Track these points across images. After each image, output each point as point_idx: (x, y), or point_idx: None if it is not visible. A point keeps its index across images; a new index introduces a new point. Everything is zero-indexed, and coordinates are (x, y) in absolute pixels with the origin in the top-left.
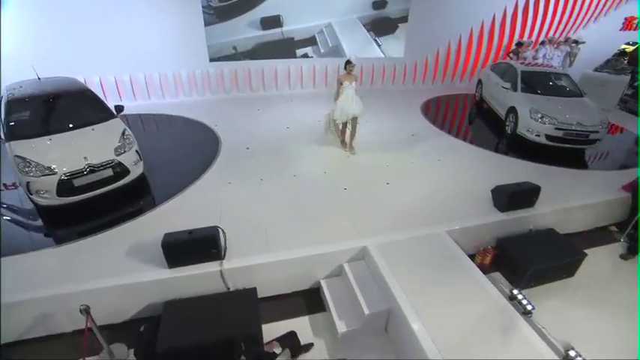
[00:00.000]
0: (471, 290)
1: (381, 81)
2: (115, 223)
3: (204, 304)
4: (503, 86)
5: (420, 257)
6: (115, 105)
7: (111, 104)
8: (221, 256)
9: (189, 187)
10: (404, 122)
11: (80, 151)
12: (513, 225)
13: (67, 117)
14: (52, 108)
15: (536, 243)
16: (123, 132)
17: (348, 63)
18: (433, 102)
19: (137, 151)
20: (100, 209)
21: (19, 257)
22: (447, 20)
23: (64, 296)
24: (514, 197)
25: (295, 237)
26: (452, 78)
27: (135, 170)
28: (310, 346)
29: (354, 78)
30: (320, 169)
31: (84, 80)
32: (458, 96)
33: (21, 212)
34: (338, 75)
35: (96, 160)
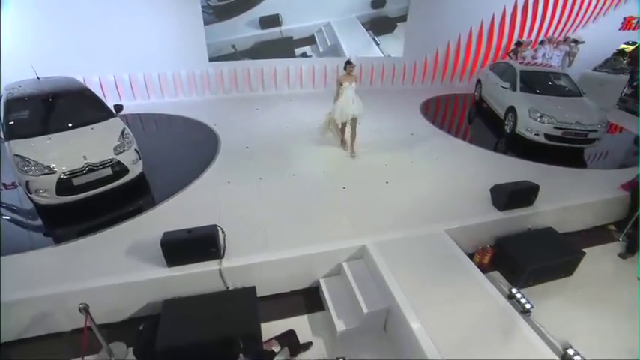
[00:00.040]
0: (470, 289)
1: (381, 80)
2: (115, 222)
3: (203, 303)
4: (502, 86)
5: (419, 256)
6: (115, 104)
7: (110, 104)
8: (220, 255)
9: (188, 187)
10: (403, 122)
11: (79, 151)
12: (512, 224)
13: (67, 116)
14: (52, 107)
15: (534, 242)
16: (122, 131)
17: (348, 63)
18: (432, 101)
19: (136, 151)
20: (100, 208)
21: (19, 256)
22: (447, 20)
23: (64, 295)
24: (513, 196)
25: (294, 236)
26: (451, 77)
27: (134, 169)
28: (309, 345)
29: (354, 78)
30: (319, 169)
31: (83, 80)
32: (457, 95)
33: (20, 212)
34: (338, 75)
35: (95, 160)
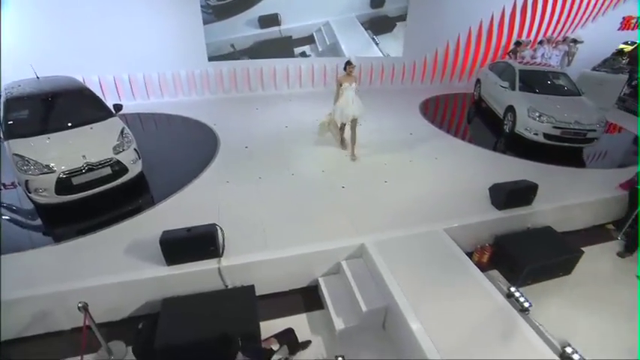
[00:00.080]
0: (469, 288)
1: (380, 80)
2: (114, 222)
3: (202, 302)
4: (501, 85)
5: (418, 255)
6: (114, 104)
7: (110, 103)
8: (219, 254)
9: (187, 186)
10: (402, 121)
11: (79, 150)
12: (511, 223)
13: (66, 116)
14: (51, 107)
15: (533, 241)
16: (121, 130)
17: (348, 64)
18: (432, 101)
19: (136, 150)
20: (99, 207)
21: (18, 255)
22: (446, 19)
23: (63, 294)
24: (511, 195)
25: (293, 235)
26: (450, 77)
27: (133, 169)
28: (308, 344)
29: (354, 79)
30: (318, 168)
31: (83, 79)
32: (456, 95)
33: (20, 211)
34: (337, 76)
35: (94, 159)
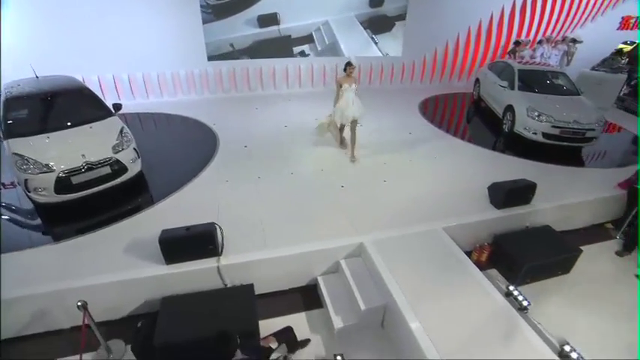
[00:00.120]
0: (468, 287)
1: (379, 80)
2: (113, 221)
3: (201, 300)
4: (500, 85)
5: (417, 254)
6: (113, 103)
7: (109, 103)
8: (218, 253)
9: (187, 185)
10: (402, 121)
11: (78, 149)
12: (510, 222)
13: (65, 115)
14: (50, 106)
15: (532, 240)
16: (121, 130)
17: (349, 65)
18: (431, 101)
19: (135, 149)
20: (98, 207)
21: (17, 254)
22: (445, 19)
23: (62, 292)
24: (510, 194)
25: (292, 234)
26: (450, 77)
27: (133, 168)
28: (307, 342)
29: (354, 80)
30: (317, 167)
31: (82, 79)
32: (456, 95)
33: (19, 210)
34: (337, 77)
35: (94, 158)
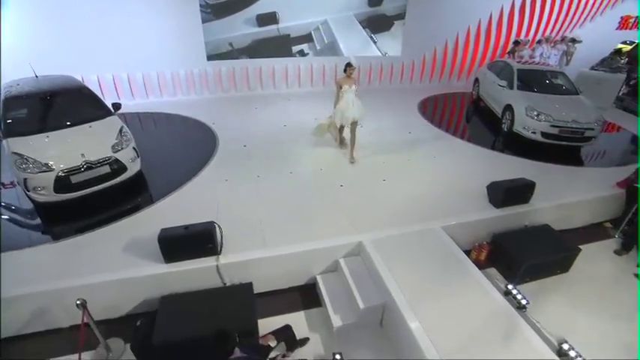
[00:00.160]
0: (466, 285)
1: (379, 80)
2: (112, 220)
3: (200, 299)
4: (499, 84)
5: (416, 252)
6: (113, 103)
7: (109, 103)
8: (217, 251)
9: (186, 184)
10: (401, 120)
11: (77, 148)
12: (508, 221)
13: (65, 114)
14: (50, 105)
15: (531, 239)
16: (120, 129)
17: (349, 66)
18: (430, 100)
19: (134, 148)
20: (98, 206)
21: (16, 253)
22: (444, 19)
23: (62, 291)
24: (509, 193)
25: (291, 233)
26: (449, 76)
27: (132, 167)
28: (306, 341)
29: (354, 81)
30: (316, 166)
31: (82, 79)
32: (455, 94)
33: (19, 210)
34: (337, 78)
35: (93, 157)
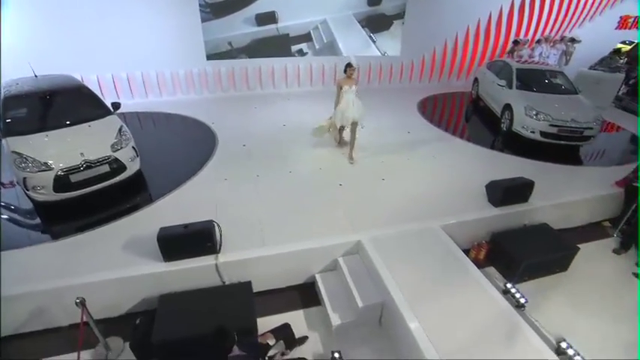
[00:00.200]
0: (465, 284)
1: (378, 79)
2: (112, 219)
3: (199, 298)
4: (498, 84)
5: (414, 251)
6: (112, 102)
7: (108, 102)
8: (216, 250)
9: (185, 183)
10: (400, 120)
11: (77, 147)
12: (507, 220)
13: (64, 113)
14: (49, 105)
15: (529, 238)
16: (119, 128)
17: (349, 66)
18: (430, 100)
19: (134, 148)
20: (97, 205)
21: (16, 252)
22: (444, 18)
23: (61, 290)
24: (508, 192)
25: (290, 231)
26: (448, 76)
27: (131, 166)
28: (305, 339)
29: (354, 82)
30: (316, 166)
31: (81, 78)
32: (454, 94)
33: (18, 209)
34: (337, 78)
35: (92, 156)
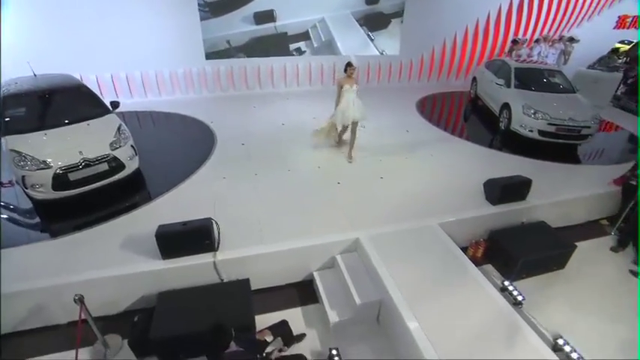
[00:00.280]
0: (463, 282)
1: (377, 79)
2: (110, 217)
3: (197, 295)
4: (497, 83)
5: (412, 249)
6: (111, 101)
7: (107, 101)
8: (214, 248)
9: (184, 182)
10: (399, 119)
11: (75, 146)
12: (505, 218)
13: (63, 112)
14: (48, 103)
15: (527, 235)
16: (118, 127)
17: (349, 65)
18: (429, 99)
19: (132, 146)
20: (96, 203)
21: (14, 250)
22: (442, 18)
23: (59, 287)
24: (505, 190)
25: (289, 229)
26: (447, 75)
27: (130, 165)
28: (302, 337)
29: (355, 81)
30: (314, 164)
31: (80, 77)
32: (453, 93)
33: (17, 208)
34: (338, 78)
35: (91, 155)
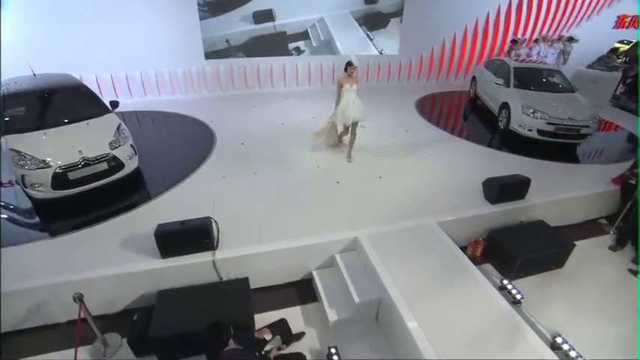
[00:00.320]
0: (462, 281)
1: (377, 78)
2: (110, 216)
3: (196, 294)
4: (496, 82)
5: (411, 248)
6: (110, 100)
7: (107, 101)
8: (214, 247)
9: (183, 181)
10: (398, 118)
11: (75, 145)
12: (504, 217)
13: (62, 112)
14: (47, 103)
15: (526, 234)
16: (118, 126)
17: (349, 65)
18: (428, 99)
19: (132, 146)
20: (95, 202)
21: (14, 249)
22: (442, 18)
23: (59, 286)
24: (504, 189)
25: (288, 228)
26: (446, 75)
27: (130, 164)
28: (302, 335)
29: (355, 80)
30: (313, 163)
31: (80, 77)
32: (452, 93)
33: (17, 207)
34: (338, 77)
35: (91, 154)
